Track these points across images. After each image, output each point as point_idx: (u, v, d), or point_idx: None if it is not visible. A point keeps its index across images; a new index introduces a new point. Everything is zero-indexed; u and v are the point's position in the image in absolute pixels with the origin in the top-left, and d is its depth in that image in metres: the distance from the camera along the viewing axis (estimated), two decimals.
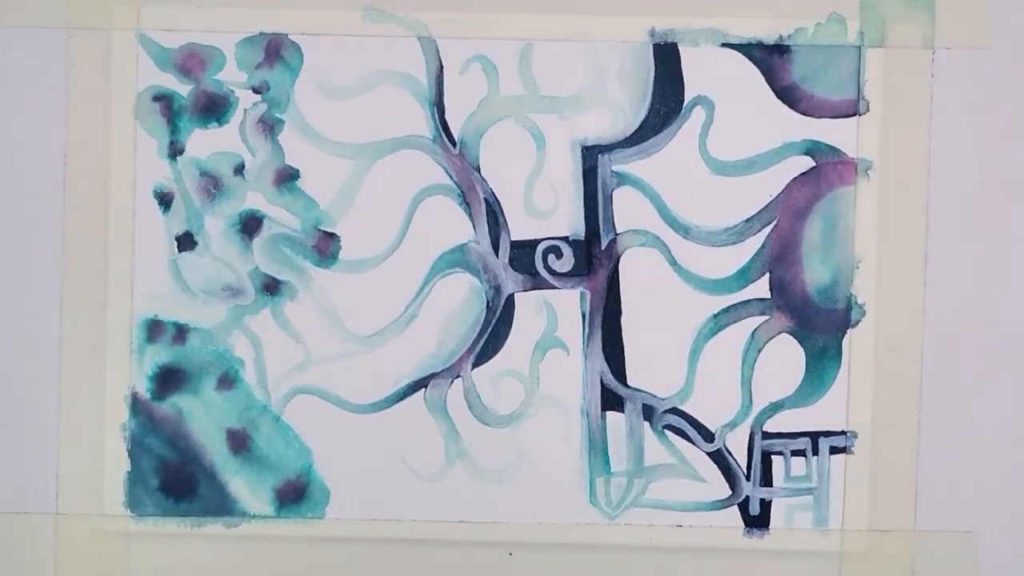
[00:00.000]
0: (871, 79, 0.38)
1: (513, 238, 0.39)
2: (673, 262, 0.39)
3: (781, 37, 0.39)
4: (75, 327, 0.38)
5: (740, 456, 0.39)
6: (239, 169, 0.39)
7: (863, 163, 0.39)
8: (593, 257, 0.39)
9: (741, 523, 0.39)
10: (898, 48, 0.38)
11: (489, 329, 0.39)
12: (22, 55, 0.38)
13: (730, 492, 0.39)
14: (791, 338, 0.39)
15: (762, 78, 0.39)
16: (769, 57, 0.39)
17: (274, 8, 0.38)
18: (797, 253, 0.39)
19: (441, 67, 0.39)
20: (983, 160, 0.39)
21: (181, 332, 0.38)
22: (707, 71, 0.39)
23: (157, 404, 0.39)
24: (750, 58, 0.39)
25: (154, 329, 0.38)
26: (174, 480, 0.39)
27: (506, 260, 0.39)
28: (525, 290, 0.39)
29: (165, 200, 0.39)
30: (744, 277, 0.39)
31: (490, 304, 0.39)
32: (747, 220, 0.39)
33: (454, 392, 0.39)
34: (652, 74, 0.39)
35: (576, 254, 0.39)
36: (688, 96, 0.39)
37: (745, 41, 0.39)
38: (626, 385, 0.39)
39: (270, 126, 0.39)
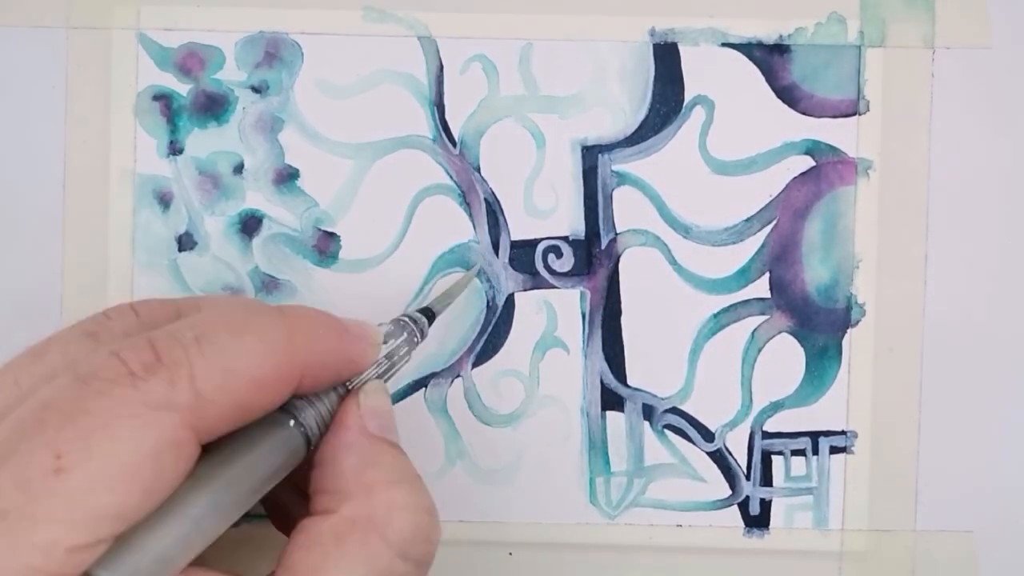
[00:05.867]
0: (871, 79, 0.38)
1: (513, 238, 0.39)
2: (673, 262, 0.39)
3: (781, 37, 0.39)
4: None
5: (740, 456, 0.39)
6: (239, 169, 0.39)
7: (863, 163, 0.39)
8: (593, 257, 0.39)
9: (741, 523, 0.39)
10: (898, 48, 0.38)
11: (489, 329, 0.39)
12: (22, 55, 0.38)
13: (730, 492, 0.39)
14: (791, 338, 0.39)
15: (762, 78, 0.39)
16: (769, 57, 0.39)
17: (274, 8, 0.38)
18: (797, 253, 0.39)
19: (441, 67, 0.38)
20: (983, 160, 0.39)
21: None
22: (707, 71, 0.39)
23: None
24: (750, 58, 0.39)
25: None
26: None
27: (506, 260, 0.39)
28: (525, 290, 0.39)
29: (165, 200, 0.39)
30: (744, 277, 0.39)
31: (490, 304, 0.39)
32: (747, 220, 0.39)
33: (454, 392, 0.39)
34: (652, 74, 0.39)
35: (576, 254, 0.39)
36: (688, 96, 0.39)
37: (745, 41, 0.39)
38: (626, 385, 0.39)
39: (270, 126, 0.39)
